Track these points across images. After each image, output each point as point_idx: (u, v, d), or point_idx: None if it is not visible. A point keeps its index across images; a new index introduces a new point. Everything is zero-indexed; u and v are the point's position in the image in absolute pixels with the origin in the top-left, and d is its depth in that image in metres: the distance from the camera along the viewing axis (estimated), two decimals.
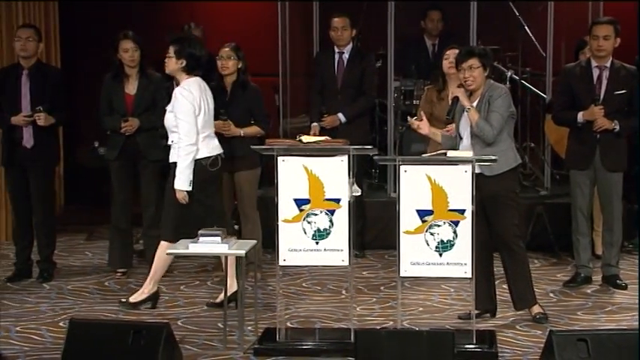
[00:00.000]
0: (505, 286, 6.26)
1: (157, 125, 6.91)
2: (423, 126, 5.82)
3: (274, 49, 8.46)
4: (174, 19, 9.58)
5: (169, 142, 6.00)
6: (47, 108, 6.67)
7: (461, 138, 5.74)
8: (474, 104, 5.67)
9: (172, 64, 5.97)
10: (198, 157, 5.89)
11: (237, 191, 6.84)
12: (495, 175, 5.61)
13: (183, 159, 5.83)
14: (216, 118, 6.64)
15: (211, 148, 5.98)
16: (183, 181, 5.83)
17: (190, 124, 5.84)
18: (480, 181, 5.50)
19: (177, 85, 6.08)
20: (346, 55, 7.51)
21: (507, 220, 5.69)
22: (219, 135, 6.37)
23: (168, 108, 5.97)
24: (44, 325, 5.85)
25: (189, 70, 5.96)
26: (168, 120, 5.94)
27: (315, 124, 7.42)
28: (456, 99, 5.73)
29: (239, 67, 6.71)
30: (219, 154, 6.01)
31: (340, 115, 7.42)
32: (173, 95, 5.95)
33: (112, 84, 6.83)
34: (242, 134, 6.69)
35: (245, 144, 6.62)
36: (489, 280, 5.86)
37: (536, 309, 5.83)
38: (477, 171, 5.47)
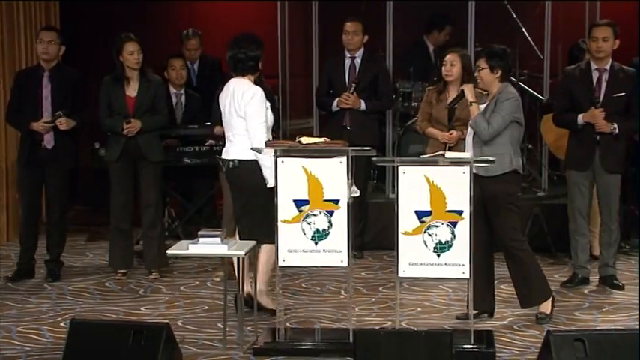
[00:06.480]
0: (503, 286, 6.33)
1: (157, 127, 6.97)
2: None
3: (273, 51, 8.49)
4: (173, 20, 9.62)
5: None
6: (67, 112, 6.74)
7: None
8: (484, 105, 5.74)
9: None
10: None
11: None
12: (491, 176, 5.65)
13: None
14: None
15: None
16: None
17: None
18: (480, 182, 5.58)
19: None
20: (358, 60, 7.57)
21: (506, 224, 5.73)
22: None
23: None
24: (45, 325, 5.87)
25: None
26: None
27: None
28: (462, 92, 5.84)
29: None
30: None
31: (362, 102, 7.46)
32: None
33: (112, 86, 6.88)
34: None
35: None
36: (489, 280, 5.89)
37: (542, 308, 5.85)
38: (474, 171, 5.57)
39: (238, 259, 5.47)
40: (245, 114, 5.83)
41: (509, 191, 5.75)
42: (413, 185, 5.24)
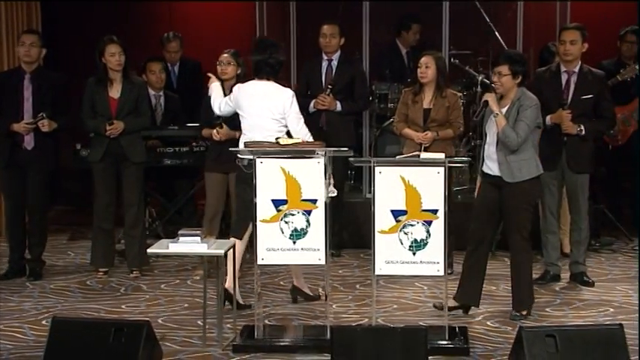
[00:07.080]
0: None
1: (139, 128, 7.05)
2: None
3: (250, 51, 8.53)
4: (153, 21, 9.67)
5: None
6: (49, 114, 6.79)
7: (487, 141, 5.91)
8: (504, 110, 5.82)
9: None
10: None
11: (230, 192, 6.89)
12: (517, 182, 5.79)
13: None
14: (211, 123, 6.79)
15: None
16: None
17: None
18: (500, 185, 5.74)
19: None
20: (335, 62, 7.68)
21: (521, 224, 5.85)
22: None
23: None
24: (27, 323, 5.93)
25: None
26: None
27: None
28: (485, 103, 5.87)
29: (238, 72, 6.73)
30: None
31: (338, 103, 7.58)
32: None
33: (95, 88, 6.95)
34: (238, 136, 6.74)
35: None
36: (481, 277, 6.00)
37: (523, 311, 5.95)
38: (497, 174, 5.75)
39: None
40: (286, 116, 5.97)
41: (532, 194, 5.88)
42: (389, 185, 5.34)
